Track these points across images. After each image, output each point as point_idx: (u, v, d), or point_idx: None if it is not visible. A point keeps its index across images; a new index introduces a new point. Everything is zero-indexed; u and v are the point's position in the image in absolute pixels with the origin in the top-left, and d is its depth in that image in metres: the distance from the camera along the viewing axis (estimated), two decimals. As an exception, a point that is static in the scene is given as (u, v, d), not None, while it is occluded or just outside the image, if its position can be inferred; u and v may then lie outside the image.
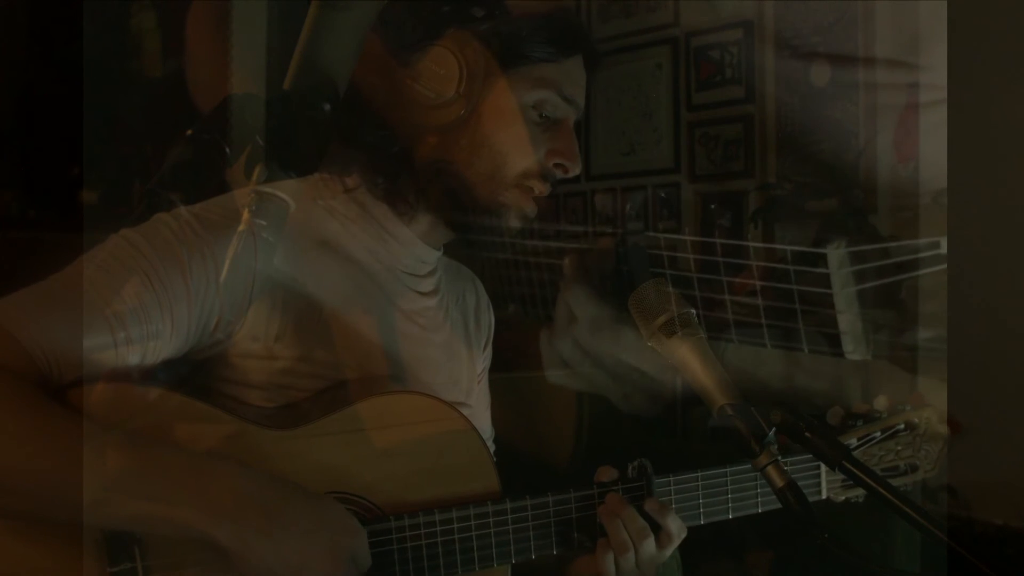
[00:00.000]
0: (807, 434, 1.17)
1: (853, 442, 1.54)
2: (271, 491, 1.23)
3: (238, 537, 1.18)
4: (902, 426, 1.57)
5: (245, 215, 1.18)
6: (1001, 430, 2.42)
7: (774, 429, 1.17)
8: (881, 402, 1.58)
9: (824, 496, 1.55)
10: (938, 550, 1.05)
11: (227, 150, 1.20)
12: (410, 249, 1.47)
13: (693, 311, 1.26)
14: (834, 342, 2.35)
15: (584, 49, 1.47)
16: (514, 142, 1.40)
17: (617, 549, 1.38)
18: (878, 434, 1.55)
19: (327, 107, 1.22)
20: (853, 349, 2.34)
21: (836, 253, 2.31)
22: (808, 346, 2.37)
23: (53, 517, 1.19)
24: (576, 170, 1.45)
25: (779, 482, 1.15)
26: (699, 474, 1.47)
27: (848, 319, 2.31)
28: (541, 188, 1.44)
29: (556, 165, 1.43)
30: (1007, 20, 2.46)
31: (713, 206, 3.14)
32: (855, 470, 1.14)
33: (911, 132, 2.67)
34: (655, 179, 3.31)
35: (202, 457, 1.23)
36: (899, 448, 1.58)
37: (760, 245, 2.66)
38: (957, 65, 2.41)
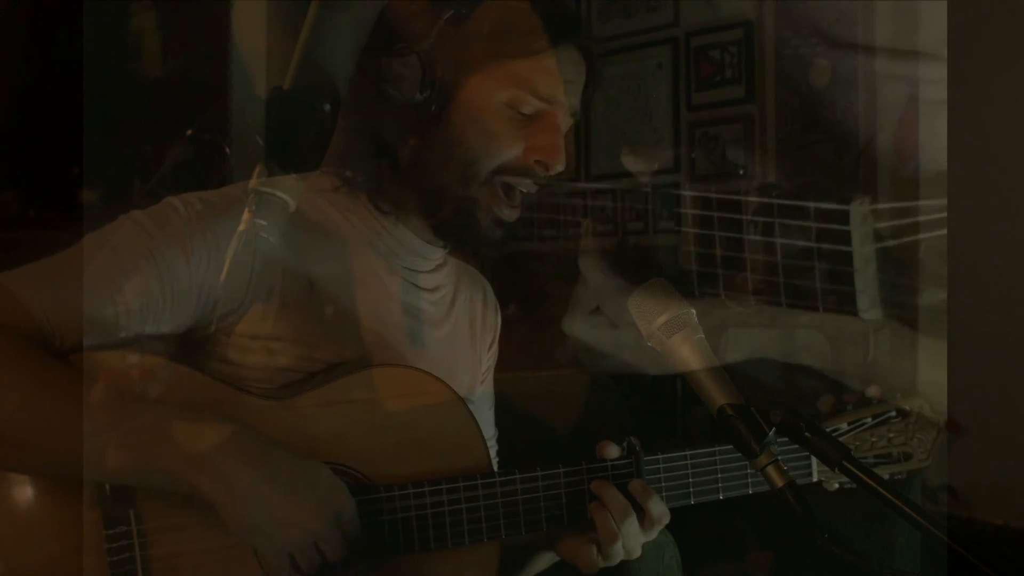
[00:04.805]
0: (807, 434, 1.17)
1: (844, 426, 1.55)
2: (256, 445, 1.25)
3: (222, 488, 1.20)
4: (893, 413, 1.58)
5: (246, 215, 1.18)
6: (1001, 430, 2.42)
7: (774, 429, 1.17)
8: (872, 390, 1.59)
9: (815, 479, 1.55)
10: (938, 550, 1.05)
11: (227, 150, 1.21)
12: (408, 247, 1.47)
13: (693, 311, 1.26)
14: (848, 301, 2.32)
15: (576, 39, 1.41)
16: (485, 140, 1.38)
17: (605, 539, 1.39)
18: (868, 420, 1.56)
19: (327, 107, 1.22)
20: (867, 308, 2.32)
21: (859, 209, 2.29)
22: (823, 305, 2.35)
23: (47, 469, 1.23)
24: (558, 168, 1.41)
25: (779, 482, 1.15)
26: (687, 453, 1.47)
27: (865, 277, 2.29)
28: (524, 185, 1.41)
29: (536, 162, 1.39)
30: (1007, 20, 2.46)
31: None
32: (855, 470, 1.14)
33: (911, 132, 2.67)
34: (655, 179, 3.31)
35: (188, 410, 1.25)
36: (891, 435, 1.58)
37: (781, 202, 2.65)
38: (957, 65, 2.41)
